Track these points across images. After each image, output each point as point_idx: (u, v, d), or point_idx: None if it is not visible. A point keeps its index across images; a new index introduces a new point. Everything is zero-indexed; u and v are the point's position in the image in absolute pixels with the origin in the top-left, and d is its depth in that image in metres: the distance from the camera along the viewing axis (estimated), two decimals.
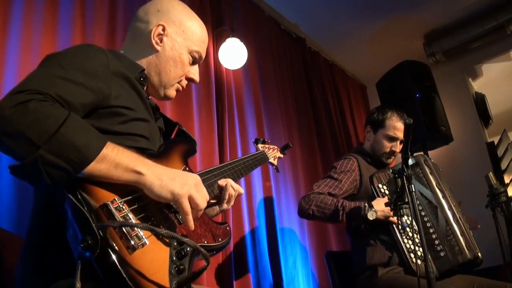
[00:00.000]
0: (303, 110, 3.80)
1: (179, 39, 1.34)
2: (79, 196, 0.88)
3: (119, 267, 0.85)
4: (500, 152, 4.33)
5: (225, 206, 1.41)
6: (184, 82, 1.41)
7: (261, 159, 1.82)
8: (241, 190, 1.45)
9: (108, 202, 0.91)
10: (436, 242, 2.16)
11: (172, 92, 1.39)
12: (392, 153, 2.49)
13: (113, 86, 1.10)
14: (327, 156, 3.75)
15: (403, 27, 4.23)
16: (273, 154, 1.94)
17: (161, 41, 1.31)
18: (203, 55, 1.43)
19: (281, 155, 2.01)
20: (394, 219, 2.16)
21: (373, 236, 2.26)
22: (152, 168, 0.99)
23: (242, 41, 2.96)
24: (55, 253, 0.96)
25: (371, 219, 2.13)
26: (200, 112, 2.71)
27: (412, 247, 2.12)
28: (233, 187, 1.41)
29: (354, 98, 4.85)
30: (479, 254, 2.17)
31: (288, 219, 3.13)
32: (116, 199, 0.93)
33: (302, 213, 2.31)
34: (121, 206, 0.93)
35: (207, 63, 2.93)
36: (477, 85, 4.91)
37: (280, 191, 3.13)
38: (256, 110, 3.20)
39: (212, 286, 2.37)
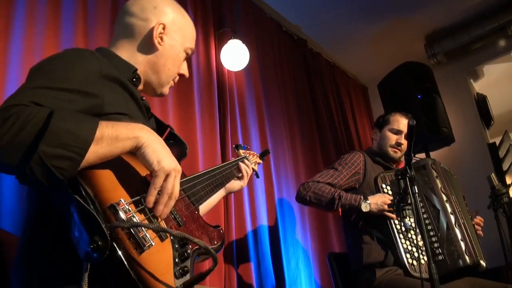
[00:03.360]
0: (304, 111, 3.80)
1: (177, 37, 1.34)
2: (86, 197, 0.87)
3: (129, 268, 0.85)
4: (501, 153, 4.32)
5: (244, 182, 1.75)
6: (177, 78, 1.42)
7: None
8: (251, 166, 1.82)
9: (115, 203, 0.90)
10: (436, 245, 2.16)
11: (167, 89, 1.40)
12: (398, 144, 2.52)
13: (105, 92, 1.06)
14: (329, 158, 3.75)
15: (404, 28, 4.23)
16: (254, 159, 1.97)
17: (162, 40, 1.30)
18: (194, 50, 1.44)
19: (260, 161, 2.05)
20: (390, 214, 2.20)
21: (370, 234, 2.27)
22: (149, 132, 1.00)
23: (243, 43, 2.96)
24: (53, 260, 0.95)
25: (364, 211, 2.19)
26: (202, 113, 2.71)
27: (409, 247, 2.13)
28: (246, 170, 1.76)
29: (356, 100, 4.85)
30: (482, 262, 2.17)
31: (290, 220, 3.12)
32: (122, 200, 0.92)
33: (300, 198, 2.39)
34: (127, 207, 0.92)
35: (209, 65, 2.93)
36: (478, 86, 4.91)
37: (282, 192, 3.13)
38: (258, 111, 3.20)
39: (214, 286, 2.37)
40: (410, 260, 2.10)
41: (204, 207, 1.65)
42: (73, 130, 0.86)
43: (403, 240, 2.16)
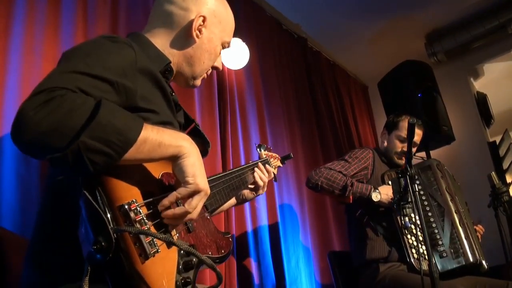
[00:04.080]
0: (304, 110, 3.80)
1: (216, 30, 1.30)
2: (97, 194, 0.83)
3: (130, 276, 0.82)
4: (502, 151, 4.32)
5: (260, 191, 1.68)
6: (210, 71, 1.39)
7: None
8: (270, 174, 1.73)
9: (125, 204, 0.86)
10: (440, 242, 2.18)
11: (199, 82, 1.37)
12: (403, 153, 2.53)
13: (139, 85, 1.04)
14: (329, 156, 3.75)
15: (405, 27, 4.23)
16: (275, 163, 1.92)
17: (200, 33, 1.26)
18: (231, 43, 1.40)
19: (281, 165, 1.98)
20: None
21: (374, 229, 2.28)
22: (192, 145, 0.99)
23: (243, 41, 2.96)
24: (62, 255, 0.94)
25: (375, 200, 2.21)
26: (202, 112, 2.71)
27: (415, 243, 2.14)
28: (261, 177, 1.68)
29: (356, 98, 4.85)
30: (483, 262, 2.19)
31: (291, 219, 3.12)
32: (134, 200, 0.89)
33: (311, 183, 2.39)
34: (138, 209, 0.89)
35: None
36: (478, 85, 4.90)
37: (282, 191, 3.13)
38: (258, 110, 3.20)
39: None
40: (416, 256, 2.12)
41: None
42: (119, 127, 0.83)
43: (408, 236, 2.18)
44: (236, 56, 2.95)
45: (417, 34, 4.41)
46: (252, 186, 1.69)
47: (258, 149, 1.88)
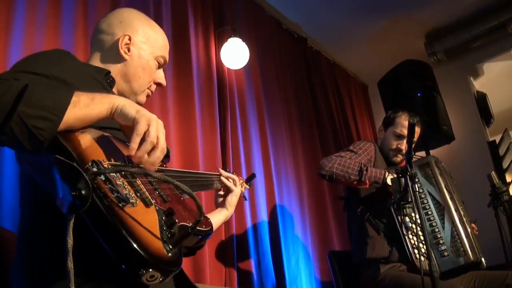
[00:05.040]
0: (304, 109, 3.80)
1: (145, 46, 1.37)
2: (67, 155, 0.86)
3: (113, 216, 0.82)
4: (501, 151, 4.33)
5: (235, 188, 1.69)
6: (153, 87, 1.44)
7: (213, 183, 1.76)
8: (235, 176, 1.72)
9: (97, 160, 0.88)
10: (441, 241, 2.17)
11: (143, 98, 1.42)
12: (398, 150, 2.50)
13: (80, 82, 1.10)
14: (329, 155, 3.74)
15: (405, 26, 4.23)
16: (240, 183, 1.86)
17: (128, 51, 1.34)
18: (167, 59, 1.46)
19: (247, 186, 1.95)
20: None
21: (375, 227, 2.27)
22: (123, 98, 1.02)
23: (243, 41, 2.96)
24: (49, 256, 0.95)
25: (390, 184, 2.18)
26: (202, 111, 2.72)
27: (417, 243, 2.13)
28: (228, 176, 1.69)
29: (356, 98, 4.85)
30: (483, 259, 2.19)
31: (291, 218, 3.13)
32: (104, 160, 0.91)
33: (324, 170, 2.30)
34: (109, 167, 0.90)
35: (209, 63, 2.93)
36: (478, 84, 4.90)
37: (282, 190, 3.14)
38: (258, 109, 3.20)
39: (215, 285, 2.37)
40: (418, 256, 2.09)
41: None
42: (50, 94, 0.89)
43: (410, 236, 2.15)
44: (236, 56, 2.95)
45: (417, 33, 4.41)
46: (222, 193, 1.72)
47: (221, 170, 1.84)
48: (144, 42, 1.38)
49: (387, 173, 2.21)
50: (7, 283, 1.26)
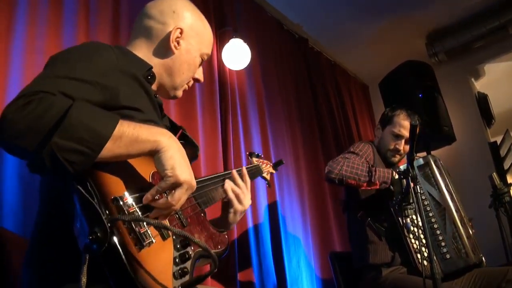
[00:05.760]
0: (305, 110, 3.80)
1: (193, 42, 1.35)
2: (89, 188, 0.86)
3: (127, 263, 0.83)
4: (502, 152, 4.32)
5: (238, 206, 1.41)
6: (191, 82, 1.43)
7: (255, 173, 1.80)
8: (244, 188, 1.46)
9: (118, 197, 0.89)
10: (443, 243, 2.15)
11: (180, 93, 1.41)
12: (396, 151, 2.45)
13: (121, 84, 1.07)
14: (330, 156, 3.74)
15: (406, 27, 4.23)
16: (267, 168, 1.92)
17: (178, 44, 1.32)
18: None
19: (274, 171, 1.99)
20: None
21: (376, 232, 2.24)
22: (171, 138, 0.99)
23: (245, 42, 2.96)
24: (60, 257, 0.95)
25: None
26: (203, 113, 2.72)
27: (419, 247, 2.11)
28: (233, 189, 1.42)
29: (357, 98, 4.85)
30: (483, 259, 2.18)
31: (292, 219, 3.13)
32: (126, 194, 0.91)
33: (333, 173, 2.21)
34: (130, 202, 0.91)
35: (210, 64, 2.93)
36: (479, 85, 4.90)
37: (283, 191, 3.13)
38: (259, 110, 3.20)
39: (215, 286, 2.37)
40: (421, 260, 2.05)
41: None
42: (91, 125, 0.86)
43: (412, 240, 2.12)
44: (237, 56, 2.95)
45: (418, 34, 4.41)
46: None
47: (249, 157, 1.88)
48: (193, 36, 1.35)
49: (394, 173, 2.17)
50: (8, 283, 1.26)
